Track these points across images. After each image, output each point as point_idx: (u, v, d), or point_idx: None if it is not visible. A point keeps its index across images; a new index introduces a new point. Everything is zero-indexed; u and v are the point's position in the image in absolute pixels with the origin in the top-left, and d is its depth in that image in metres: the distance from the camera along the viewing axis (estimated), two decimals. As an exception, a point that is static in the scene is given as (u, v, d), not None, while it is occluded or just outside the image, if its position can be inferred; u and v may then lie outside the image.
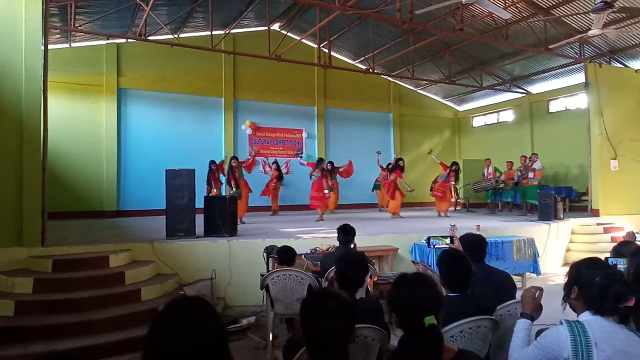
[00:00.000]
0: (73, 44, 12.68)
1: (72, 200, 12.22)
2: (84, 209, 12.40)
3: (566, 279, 2.15)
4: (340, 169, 13.21)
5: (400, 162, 12.36)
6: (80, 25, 10.44)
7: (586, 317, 1.99)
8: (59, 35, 11.93)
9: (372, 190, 15.32)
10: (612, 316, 1.96)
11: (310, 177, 11.84)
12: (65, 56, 12.43)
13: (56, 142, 11.13)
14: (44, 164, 6.48)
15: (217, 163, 11.20)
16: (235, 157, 11.11)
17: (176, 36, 11.47)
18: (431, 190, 13.05)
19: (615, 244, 3.74)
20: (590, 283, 1.98)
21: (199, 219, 7.42)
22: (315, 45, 14.01)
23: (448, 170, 12.63)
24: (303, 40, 12.37)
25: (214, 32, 10.84)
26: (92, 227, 9.45)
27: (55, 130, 9.95)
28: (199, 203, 7.45)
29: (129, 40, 12.37)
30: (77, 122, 12.70)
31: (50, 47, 7.33)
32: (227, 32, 13.21)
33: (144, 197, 12.79)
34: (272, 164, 13.55)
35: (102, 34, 11.28)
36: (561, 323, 1.96)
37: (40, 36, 6.53)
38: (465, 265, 2.73)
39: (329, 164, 12.77)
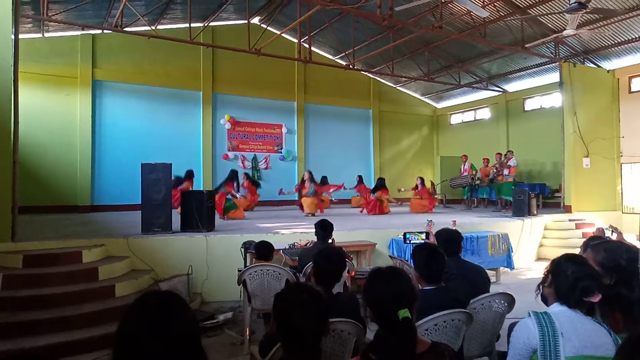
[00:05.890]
0: (46, 34, 12.34)
1: (44, 195, 11.94)
2: (57, 204, 12.14)
3: (545, 270, 2.24)
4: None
5: (383, 181, 12.51)
6: (53, 15, 10.13)
7: (554, 308, 2.07)
8: (31, 25, 11.58)
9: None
10: (578, 308, 2.02)
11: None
12: (38, 46, 12.10)
13: (28, 135, 10.86)
14: (14, 157, 6.29)
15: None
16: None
17: (154, 28, 11.27)
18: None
19: (585, 239, 3.84)
20: (564, 273, 2.08)
21: (177, 214, 7.35)
22: (295, 40, 13.93)
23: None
24: (283, 35, 12.31)
25: (192, 25, 10.67)
26: (65, 222, 9.23)
27: (27, 122, 9.72)
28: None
29: (105, 31, 12.12)
30: (51, 114, 12.40)
31: (21, 36, 7.08)
32: (206, 24, 13.06)
33: (120, 191, 12.59)
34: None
35: (76, 24, 10.98)
36: (529, 315, 2.03)
37: (10, 25, 6.32)
38: (439, 259, 2.76)
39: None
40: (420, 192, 13.08)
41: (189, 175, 11.35)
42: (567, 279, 2.05)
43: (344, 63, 14.16)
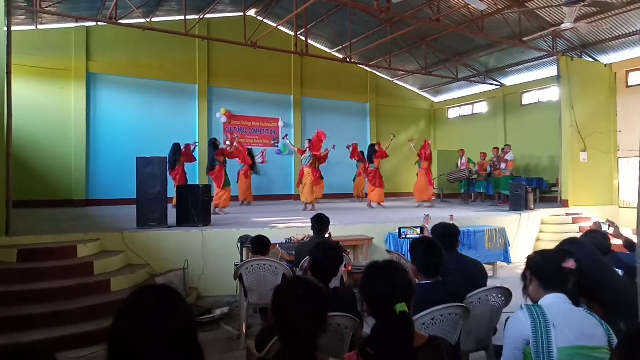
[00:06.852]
0: (40, 26, 12.20)
1: (39, 189, 11.86)
2: (52, 198, 12.06)
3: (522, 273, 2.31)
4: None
5: (377, 146, 12.33)
6: (47, 7, 10.00)
7: (545, 301, 2.08)
8: (24, 17, 11.44)
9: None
10: (560, 287, 2.08)
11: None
12: (31, 39, 11.96)
13: (22, 128, 10.78)
14: (8, 150, 6.26)
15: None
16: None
17: (148, 20, 11.17)
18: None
19: (582, 234, 3.85)
20: (536, 261, 2.21)
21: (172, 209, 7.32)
22: (292, 33, 13.85)
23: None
24: (280, 28, 12.22)
25: (187, 17, 10.57)
26: (60, 217, 9.18)
27: (21, 115, 9.63)
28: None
29: (99, 23, 11.97)
30: (45, 107, 12.29)
31: (14, 28, 7.00)
32: (202, 17, 12.94)
33: (115, 185, 12.51)
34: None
35: (70, 16, 10.85)
36: (521, 308, 2.05)
37: (3, 17, 6.26)
38: (437, 252, 2.74)
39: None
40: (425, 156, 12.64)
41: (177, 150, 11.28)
42: (540, 264, 2.16)
43: (341, 56, 14.08)
